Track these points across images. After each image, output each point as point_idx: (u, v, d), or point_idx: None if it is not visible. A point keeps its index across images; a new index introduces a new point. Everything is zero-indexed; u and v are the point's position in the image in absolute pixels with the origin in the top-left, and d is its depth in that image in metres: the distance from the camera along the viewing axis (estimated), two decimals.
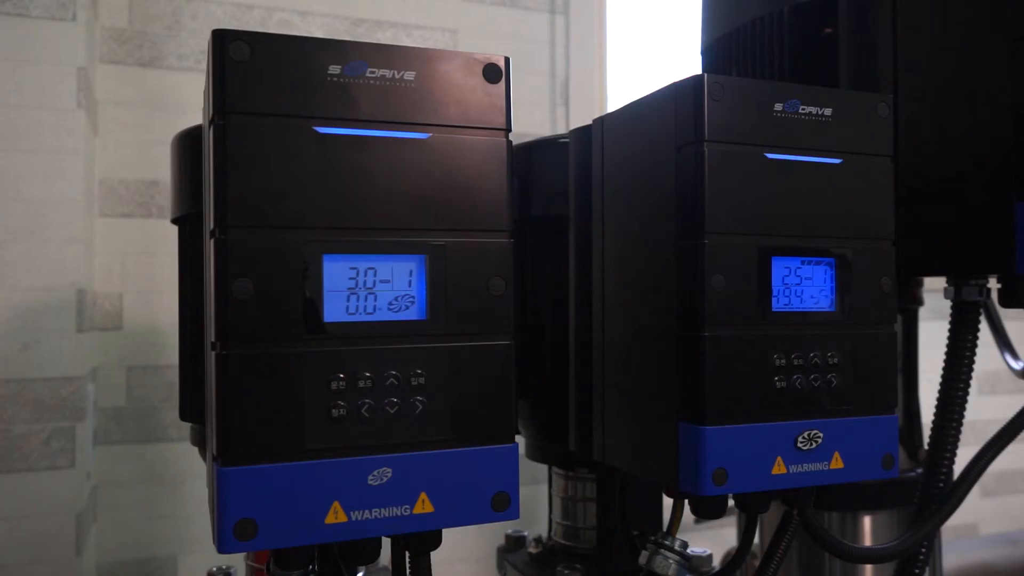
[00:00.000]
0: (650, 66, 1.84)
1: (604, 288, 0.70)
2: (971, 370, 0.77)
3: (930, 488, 0.78)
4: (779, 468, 0.59)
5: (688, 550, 0.83)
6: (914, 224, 0.77)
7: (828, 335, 0.61)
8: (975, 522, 1.98)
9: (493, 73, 0.52)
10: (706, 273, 0.57)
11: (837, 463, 0.61)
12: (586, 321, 0.72)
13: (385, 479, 0.49)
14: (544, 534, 0.91)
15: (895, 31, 0.79)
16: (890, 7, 0.79)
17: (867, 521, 0.94)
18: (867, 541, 0.92)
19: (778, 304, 0.60)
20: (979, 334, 0.78)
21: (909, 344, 0.98)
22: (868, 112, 0.63)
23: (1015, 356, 0.93)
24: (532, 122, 1.59)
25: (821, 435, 0.60)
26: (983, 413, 2.00)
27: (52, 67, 1.16)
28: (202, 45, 1.41)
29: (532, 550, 0.87)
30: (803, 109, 0.61)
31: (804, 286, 0.61)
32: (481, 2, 1.60)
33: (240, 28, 1.37)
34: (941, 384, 0.79)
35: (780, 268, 0.60)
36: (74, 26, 1.18)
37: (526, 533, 0.91)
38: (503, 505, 0.52)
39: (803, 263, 0.61)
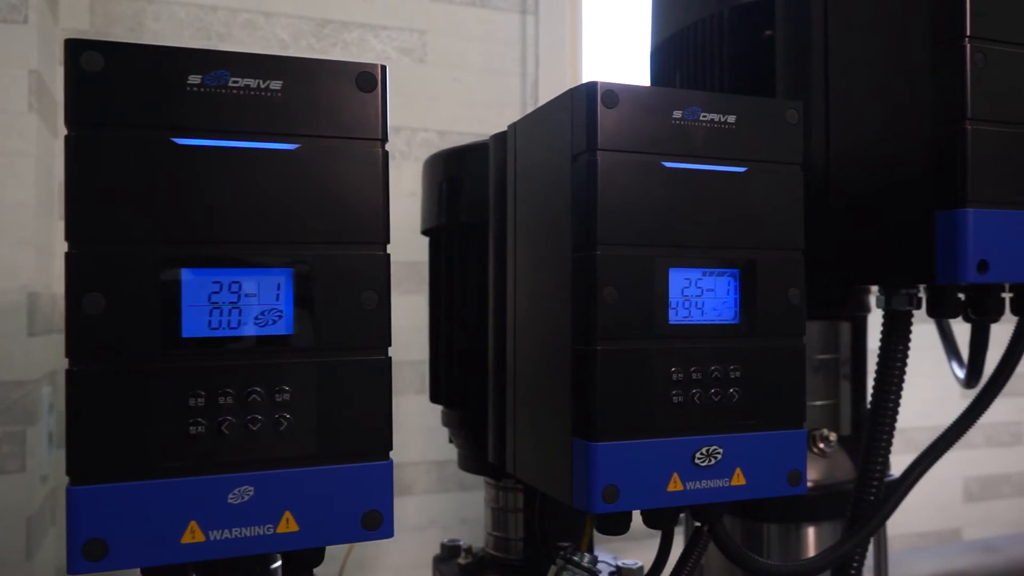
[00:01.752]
0: (628, 67, 1.82)
1: (516, 298, 0.68)
2: (902, 380, 0.75)
3: (861, 501, 0.76)
4: (675, 485, 0.58)
5: (619, 562, 0.82)
6: (844, 232, 0.75)
7: (730, 348, 0.59)
8: (959, 527, 1.96)
9: (367, 81, 0.51)
10: (597, 285, 0.56)
11: (739, 479, 0.59)
12: (503, 331, 0.71)
13: (247, 497, 0.48)
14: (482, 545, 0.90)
15: (826, 35, 0.77)
16: (822, 11, 0.78)
17: (811, 532, 0.93)
18: (811, 552, 0.91)
19: (676, 317, 0.58)
20: (910, 343, 0.76)
21: (858, 352, 0.96)
22: (776, 119, 0.62)
23: (961, 364, 0.91)
24: (502, 124, 1.57)
25: (721, 451, 0.59)
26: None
27: (2, 70, 1.16)
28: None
29: (462, 561, 0.85)
30: (704, 116, 0.59)
31: (706, 298, 0.59)
32: (450, 2, 1.59)
33: (204, 30, 1.37)
34: (872, 395, 0.77)
35: (679, 280, 0.59)
36: (26, 29, 1.17)
37: (461, 543, 0.90)
38: (375, 524, 0.51)
39: (705, 274, 0.59)
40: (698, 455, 0.58)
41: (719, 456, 0.59)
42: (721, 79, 0.89)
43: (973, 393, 0.86)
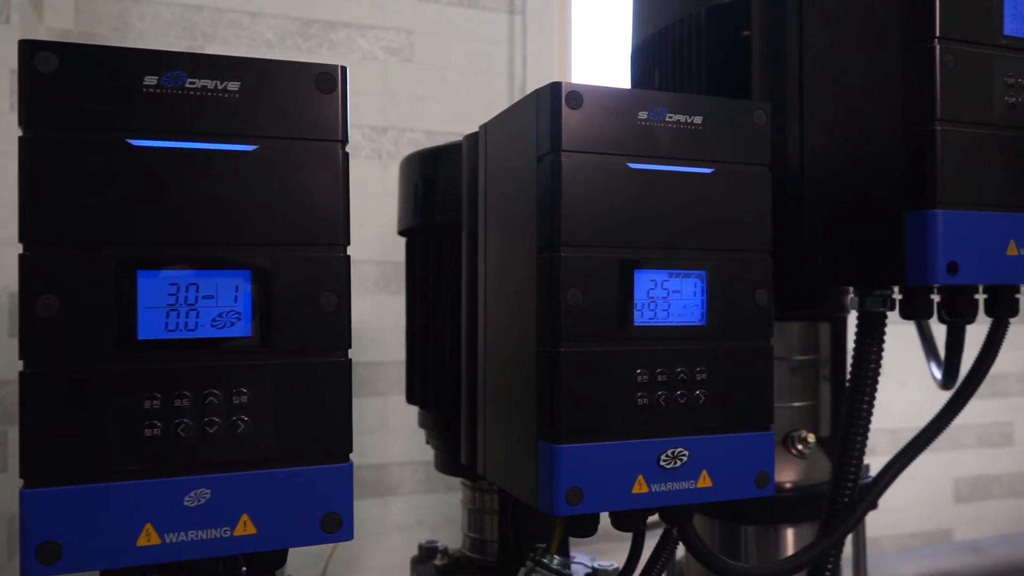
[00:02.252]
0: (618, 66, 1.82)
1: (486, 299, 0.68)
2: (876, 382, 0.75)
3: (835, 503, 0.76)
4: (640, 487, 0.57)
5: (595, 563, 0.82)
6: (818, 234, 0.75)
7: (696, 350, 0.59)
8: (950, 528, 1.95)
9: (326, 82, 0.51)
10: (561, 287, 0.56)
11: (705, 482, 0.59)
12: (475, 332, 0.71)
13: (203, 500, 0.48)
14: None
15: (801, 36, 0.77)
16: (796, 11, 0.77)
17: (790, 533, 0.93)
18: (790, 553, 0.90)
19: (641, 318, 0.58)
20: (884, 345, 0.75)
21: (837, 353, 0.96)
22: (743, 120, 0.61)
23: (940, 365, 0.91)
24: None
25: (687, 453, 0.59)
26: (958, 418, 1.97)
27: None
28: (150, 46, 1.41)
29: (438, 562, 0.85)
30: (670, 117, 0.59)
31: (672, 299, 0.59)
32: (437, 2, 1.59)
33: (190, 30, 1.37)
34: (847, 397, 0.76)
35: (644, 281, 0.58)
36: (8, 29, 1.17)
37: (438, 544, 0.90)
38: (334, 526, 0.50)
39: (671, 276, 0.59)
40: (663, 457, 0.58)
41: (685, 458, 0.58)
42: (699, 80, 0.89)
43: None
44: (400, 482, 1.53)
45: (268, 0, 1.47)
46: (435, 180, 0.82)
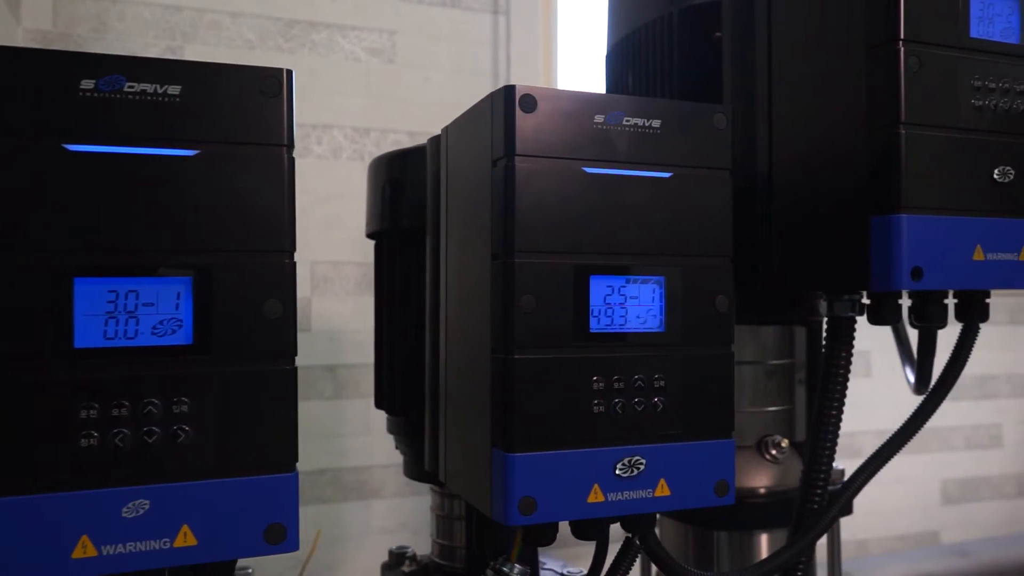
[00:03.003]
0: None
1: (447, 304, 0.67)
2: (845, 387, 0.74)
3: (804, 509, 0.75)
4: (596, 496, 0.57)
5: (565, 570, 0.81)
6: (787, 238, 0.74)
7: (655, 357, 0.58)
8: (938, 530, 1.95)
9: (271, 86, 0.50)
10: (515, 293, 0.55)
11: (663, 490, 0.58)
12: (438, 337, 0.70)
13: (142, 511, 0.47)
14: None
15: (770, 38, 0.76)
16: (765, 13, 0.76)
17: (763, 539, 0.92)
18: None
19: (598, 325, 0.57)
20: (853, 350, 0.75)
21: (813, 357, 0.95)
22: (703, 123, 0.60)
23: (915, 369, 0.90)
24: None
25: (644, 461, 0.58)
26: (946, 420, 1.97)
27: None
28: (130, 47, 1.40)
29: (407, 569, 0.84)
30: (628, 121, 0.58)
31: (629, 306, 0.58)
32: (420, 3, 1.58)
33: (170, 30, 1.36)
34: (816, 402, 0.76)
35: (601, 287, 0.58)
36: None
37: (409, 550, 0.89)
38: (278, 537, 0.50)
39: (628, 281, 0.58)
40: (620, 466, 0.57)
41: (642, 467, 0.58)
42: (672, 81, 0.88)
43: (949, 398, 0.84)
44: (382, 485, 1.53)
45: (249, 0, 1.46)
46: (402, 183, 0.81)
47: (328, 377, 1.50)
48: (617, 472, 0.57)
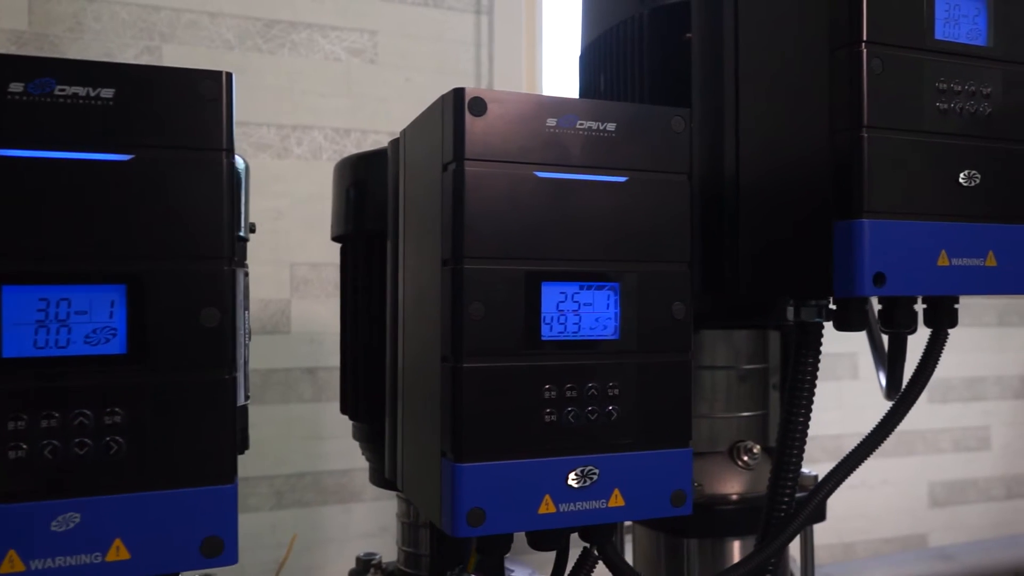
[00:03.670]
0: None
1: (404, 309, 0.66)
2: (812, 394, 0.73)
3: (771, 518, 0.74)
4: (547, 507, 0.56)
5: None
6: (752, 241, 0.73)
7: (609, 364, 0.57)
8: (925, 533, 1.94)
9: (209, 89, 0.49)
10: (464, 300, 0.54)
11: (617, 501, 0.57)
12: (397, 343, 0.69)
13: (72, 525, 0.46)
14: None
15: (737, 40, 0.75)
16: (733, 14, 0.75)
17: (735, 546, 0.91)
18: None
19: (550, 332, 0.56)
20: (820, 356, 0.73)
21: (787, 362, 0.94)
22: (660, 127, 0.59)
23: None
24: None
25: (597, 471, 0.57)
26: (934, 422, 1.96)
27: None
28: (106, 48, 1.39)
29: None
30: (581, 124, 0.57)
31: (583, 312, 0.57)
32: (402, 2, 1.57)
33: (147, 31, 1.35)
34: (781, 410, 0.75)
35: (553, 294, 0.56)
36: None
37: (376, 557, 0.88)
38: (215, 550, 0.49)
39: (582, 288, 0.57)
40: (572, 476, 0.56)
41: (595, 477, 0.57)
42: (642, 83, 0.87)
43: (937, 400, 0.83)
44: (363, 488, 1.51)
45: (228, 0, 1.45)
46: (366, 186, 0.80)
47: (308, 379, 1.49)
48: (569, 482, 0.56)
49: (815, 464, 1.79)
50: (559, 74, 1.76)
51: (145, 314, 0.48)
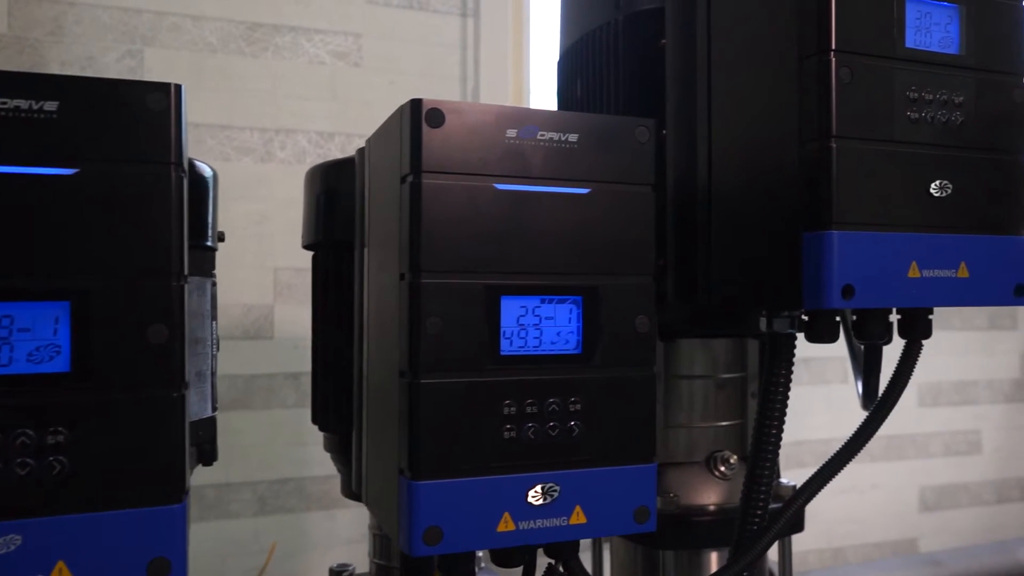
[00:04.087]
0: None
1: (368, 322, 0.65)
2: (785, 406, 0.72)
3: (743, 531, 0.73)
4: (506, 525, 0.55)
5: None
6: (724, 252, 0.72)
7: (570, 379, 0.57)
8: (915, 537, 1.93)
9: (157, 101, 0.48)
10: (421, 315, 0.53)
11: (579, 518, 0.56)
12: (361, 356, 0.68)
13: (13, 547, 0.45)
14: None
15: (710, 48, 0.74)
16: (706, 21, 0.74)
17: (712, 557, 0.90)
18: None
19: (510, 347, 0.55)
20: (793, 368, 0.73)
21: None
22: (624, 137, 0.59)
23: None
24: None
25: (558, 488, 0.56)
26: (924, 426, 1.95)
27: None
28: (88, 51, 1.38)
29: None
30: (542, 135, 0.56)
31: (544, 326, 0.56)
32: (387, 5, 1.56)
33: (129, 34, 1.34)
34: (755, 422, 0.74)
35: (514, 308, 0.56)
36: None
37: (349, 567, 0.87)
38: (162, 572, 0.48)
39: (543, 301, 0.56)
40: (532, 493, 0.55)
41: (556, 494, 0.56)
42: (618, 89, 0.86)
43: (928, 404, 0.82)
44: None
45: (211, 3, 1.44)
46: (336, 194, 0.79)
47: (291, 385, 1.48)
48: (529, 500, 0.55)
49: (805, 468, 1.79)
50: (547, 77, 1.75)
51: (90, 331, 0.47)
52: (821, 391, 1.77)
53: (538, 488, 0.55)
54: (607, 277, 0.58)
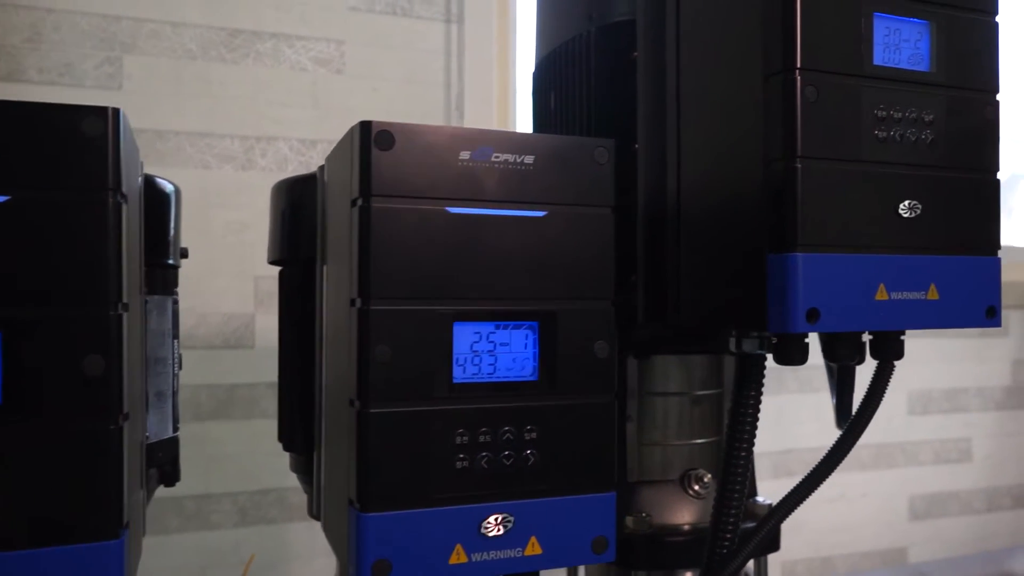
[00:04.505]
0: None
1: (325, 345, 0.64)
2: (754, 429, 0.71)
3: (712, 555, 0.72)
4: (458, 557, 0.53)
5: None
6: (692, 270, 0.70)
7: (525, 407, 0.55)
8: (905, 546, 1.92)
9: (94, 126, 0.47)
10: (370, 343, 0.52)
11: (534, 549, 0.55)
12: (322, 380, 0.67)
13: None
14: None
15: (679, 63, 0.73)
16: (675, 35, 0.73)
17: None
18: None
19: (463, 374, 0.54)
20: (763, 390, 0.71)
21: None
22: (582, 159, 0.57)
23: None
24: None
25: (512, 519, 0.55)
26: (914, 434, 1.93)
27: None
28: (67, 58, 1.37)
29: None
30: (497, 157, 0.55)
31: (499, 353, 0.55)
32: (370, 11, 1.54)
33: (108, 41, 1.33)
34: (724, 445, 0.72)
35: (467, 334, 0.54)
36: None
37: None
38: None
39: (498, 327, 0.55)
40: (485, 524, 0.54)
41: (510, 525, 0.54)
42: (590, 102, 0.85)
43: (918, 412, 0.81)
44: None
45: (191, 9, 1.43)
46: (301, 210, 0.78)
47: (272, 395, 1.46)
48: (483, 531, 0.54)
49: (793, 477, 1.77)
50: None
51: (24, 362, 0.46)
52: (810, 399, 1.76)
53: (491, 519, 0.54)
54: (564, 302, 0.56)
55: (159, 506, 1.38)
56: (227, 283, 1.43)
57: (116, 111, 0.48)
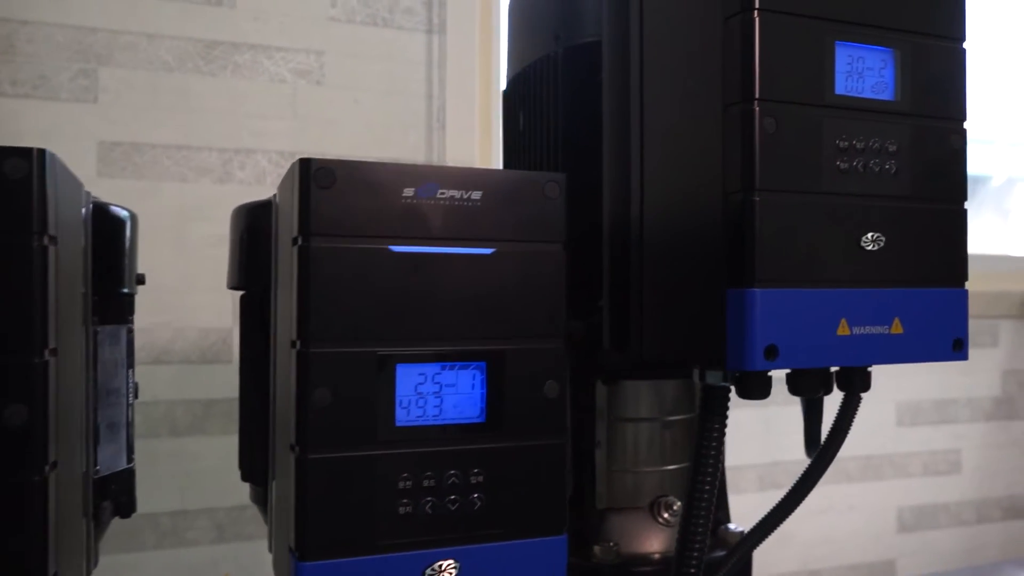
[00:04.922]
0: None
1: (275, 383, 0.63)
2: (718, 463, 0.70)
3: None
4: None
5: None
6: (654, 301, 0.69)
7: (471, 450, 0.54)
8: (893, 559, 1.90)
9: (16, 168, 0.45)
10: (309, 386, 0.50)
11: None
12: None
13: None
14: None
15: (642, 89, 0.71)
16: (639, 60, 0.72)
17: None
18: None
19: (407, 417, 0.53)
20: (727, 422, 0.70)
21: None
22: (532, 194, 0.56)
23: None
24: (406, 147, 1.52)
25: (457, 565, 0.53)
26: (902, 446, 1.92)
27: None
28: (40, 70, 1.35)
29: None
30: (443, 194, 0.53)
31: (445, 394, 0.54)
32: (350, 22, 1.53)
33: (83, 53, 1.31)
34: (688, 478, 0.71)
35: (411, 376, 0.53)
36: None
37: None
38: None
39: (444, 368, 0.54)
40: (428, 571, 0.52)
41: (454, 571, 0.53)
42: (557, 123, 0.83)
43: (906, 423, 0.79)
44: None
45: (167, 21, 1.41)
46: (258, 237, 0.76)
47: None
48: None
49: (780, 489, 1.75)
50: None
51: None
52: (797, 411, 1.74)
53: (436, 565, 0.53)
54: (513, 341, 0.55)
55: (134, 523, 1.36)
56: (204, 298, 1.42)
57: (42, 152, 0.46)
